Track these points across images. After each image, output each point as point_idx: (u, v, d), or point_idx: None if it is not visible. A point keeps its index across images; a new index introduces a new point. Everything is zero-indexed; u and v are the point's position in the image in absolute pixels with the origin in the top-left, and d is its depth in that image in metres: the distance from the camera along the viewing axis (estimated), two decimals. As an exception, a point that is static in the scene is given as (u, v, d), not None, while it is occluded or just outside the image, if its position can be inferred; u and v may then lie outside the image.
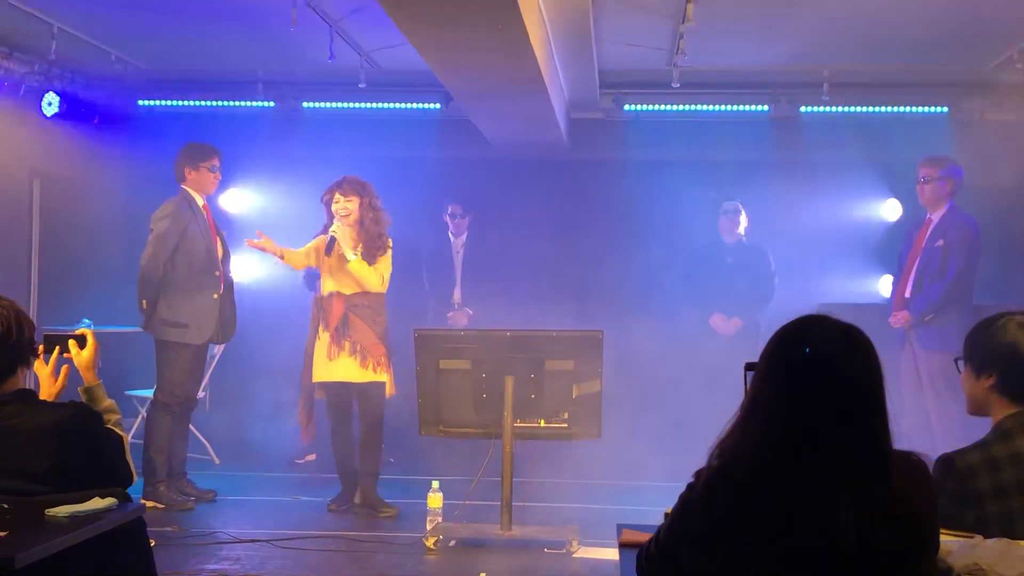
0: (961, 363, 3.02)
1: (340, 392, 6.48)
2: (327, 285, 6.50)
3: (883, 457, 2.10)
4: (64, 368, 3.53)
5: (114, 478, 3.31)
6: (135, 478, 3.46)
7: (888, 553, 2.04)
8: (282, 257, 6.45)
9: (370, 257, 6.42)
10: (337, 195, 6.46)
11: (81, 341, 3.57)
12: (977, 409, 2.99)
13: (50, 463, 3.15)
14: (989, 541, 2.40)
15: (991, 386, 2.92)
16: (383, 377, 6.42)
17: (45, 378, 3.51)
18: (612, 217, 8.82)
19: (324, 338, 6.44)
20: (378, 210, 6.53)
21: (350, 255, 6.35)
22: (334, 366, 6.38)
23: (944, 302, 6.53)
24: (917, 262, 6.76)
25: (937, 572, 2.22)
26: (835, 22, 6.84)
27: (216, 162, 6.75)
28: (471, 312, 8.23)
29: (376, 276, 6.43)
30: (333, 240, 6.34)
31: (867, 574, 2.04)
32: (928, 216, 6.83)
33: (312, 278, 7.98)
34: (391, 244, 6.54)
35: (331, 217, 6.49)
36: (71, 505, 3.03)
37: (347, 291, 6.44)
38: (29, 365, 3.41)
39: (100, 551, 3.07)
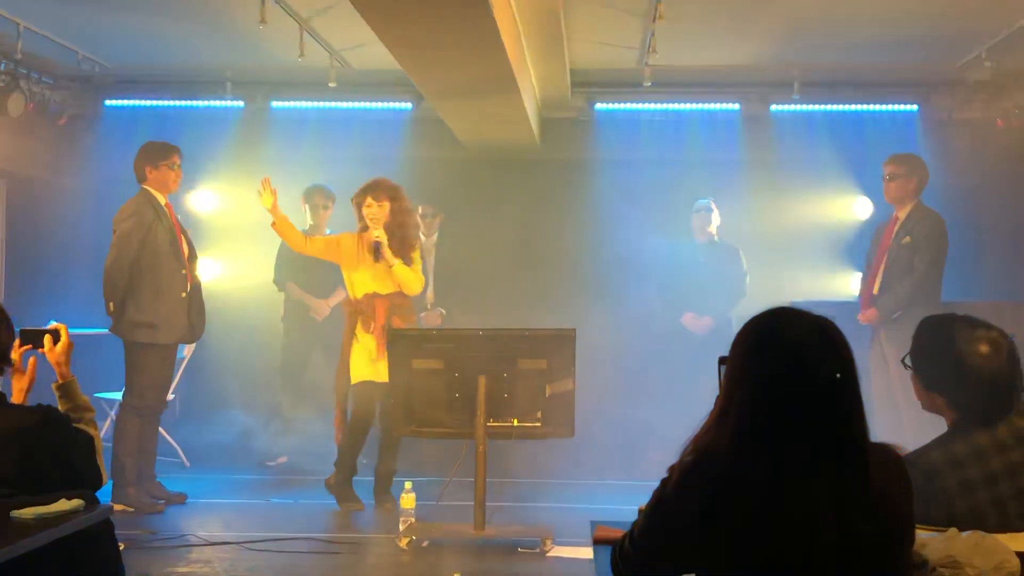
0: (909, 360, 2.99)
1: (372, 392, 6.46)
2: (362, 286, 6.50)
3: (861, 450, 2.10)
4: (32, 360, 3.48)
5: (82, 482, 3.27)
6: (105, 480, 3.43)
7: (866, 546, 2.04)
8: (274, 224, 6.42)
9: (407, 259, 6.48)
10: (369, 199, 6.47)
11: (55, 336, 3.53)
12: (931, 411, 2.98)
13: (15, 468, 3.11)
14: (964, 533, 2.40)
15: (944, 403, 2.92)
16: None
17: (14, 371, 3.47)
18: (584, 216, 8.80)
19: (366, 339, 6.44)
20: (408, 213, 6.58)
21: (392, 260, 6.39)
22: (380, 366, 6.33)
23: (912, 299, 6.55)
24: (885, 259, 6.79)
25: (913, 565, 2.23)
26: (805, 21, 6.87)
27: (176, 160, 6.66)
28: (444, 312, 8.20)
29: (417, 279, 6.52)
30: (379, 245, 6.36)
31: (845, 567, 2.03)
32: (895, 213, 6.86)
33: (283, 279, 7.98)
34: (420, 243, 6.60)
35: (362, 219, 6.50)
36: (38, 507, 2.99)
37: (384, 291, 6.47)
38: (1, 372, 3.37)
39: (67, 553, 3.04)
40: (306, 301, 8.03)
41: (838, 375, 2.11)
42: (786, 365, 2.12)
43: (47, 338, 3.52)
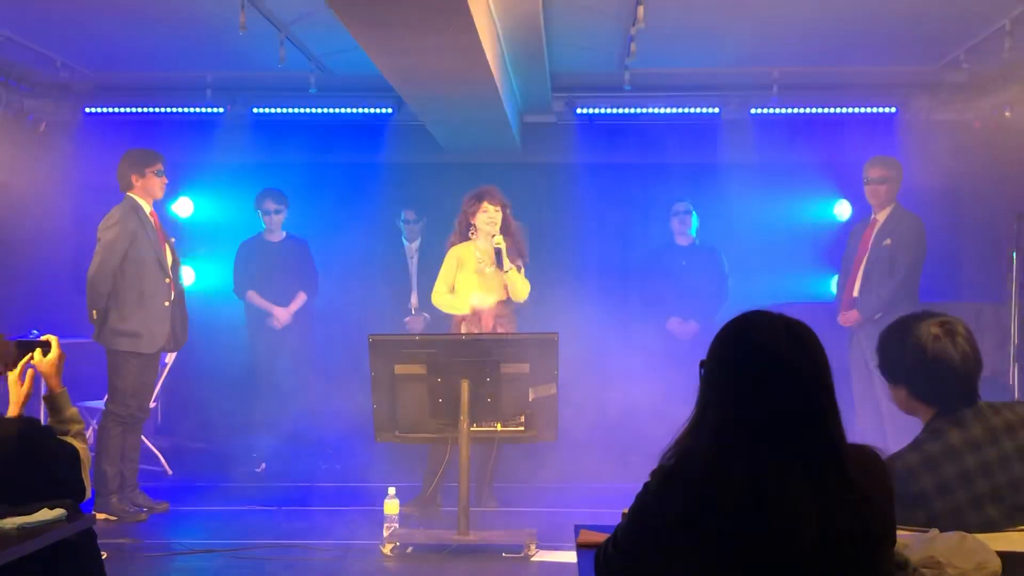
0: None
1: None
2: (473, 298, 6.49)
3: (838, 449, 2.11)
4: (30, 373, 3.48)
5: (65, 494, 3.25)
6: (88, 494, 3.40)
7: (847, 546, 2.05)
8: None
9: (520, 266, 6.48)
10: (486, 204, 6.42)
11: (45, 348, 3.52)
12: (907, 412, 3.02)
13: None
14: (945, 534, 2.41)
15: (907, 394, 2.95)
16: None
17: (13, 384, 3.46)
18: (566, 220, 8.81)
19: None
20: (516, 219, 6.56)
21: (507, 264, 6.37)
22: None
23: (893, 301, 6.58)
24: (864, 261, 6.82)
25: (894, 565, 2.24)
26: (784, 24, 6.89)
27: (161, 166, 6.61)
28: (428, 317, 8.19)
29: (526, 285, 6.50)
30: (499, 252, 6.35)
31: (826, 568, 2.04)
32: (873, 216, 6.90)
33: (242, 288, 7.93)
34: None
35: (469, 227, 6.49)
36: (19, 517, 2.97)
37: (486, 304, 6.47)
38: None
39: (50, 563, 3.02)
40: (267, 309, 7.98)
41: (810, 375, 2.13)
42: (759, 367, 2.14)
43: (38, 350, 3.51)
